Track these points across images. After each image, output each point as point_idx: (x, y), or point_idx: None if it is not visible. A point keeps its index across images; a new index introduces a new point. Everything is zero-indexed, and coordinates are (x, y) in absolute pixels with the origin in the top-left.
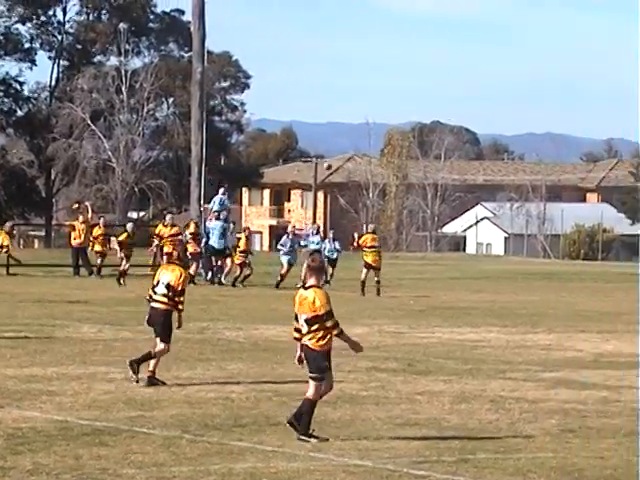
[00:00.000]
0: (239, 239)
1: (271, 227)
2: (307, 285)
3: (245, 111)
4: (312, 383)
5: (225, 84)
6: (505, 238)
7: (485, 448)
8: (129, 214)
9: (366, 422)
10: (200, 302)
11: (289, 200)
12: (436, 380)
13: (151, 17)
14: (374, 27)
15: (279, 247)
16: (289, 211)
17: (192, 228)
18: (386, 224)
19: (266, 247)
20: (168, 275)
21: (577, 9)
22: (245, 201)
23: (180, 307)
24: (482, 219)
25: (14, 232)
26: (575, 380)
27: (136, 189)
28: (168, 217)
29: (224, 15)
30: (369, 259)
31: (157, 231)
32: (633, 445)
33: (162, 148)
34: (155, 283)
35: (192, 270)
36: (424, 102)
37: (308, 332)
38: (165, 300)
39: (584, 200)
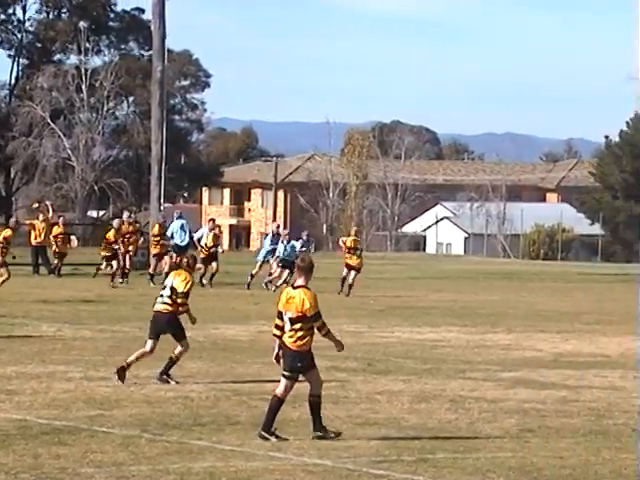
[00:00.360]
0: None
1: (231, 226)
2: (296, 285)
3: (205, 110)
4: (283, 381)
5: (185, 83)
6: (465, 238)
7: (444, 448)
8: (89, 213)
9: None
10: None
11: (249, 199)
12: (395, 380)
13: (111, 16)
14: (334, 27)
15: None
16: (249, 210)
17: (156, 229)
18: (346, 224)
19: (226, 246)
20: (174, 279)
21: (538, 11)
22: (205, 200)
23: (181, 309)
24: (442, 219)
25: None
26: (534, 380)
27: (96, 188)
28: (125, 215)
29: (184, 14)
30: (348, 261)
31: (110, 235)
32: (592, 445)
33: (122, 147)
34: (162, 288)
35: (151, 269)
36: (384, 102)
37: (289, 330)
38: (169, 302)
39: (544, 200)
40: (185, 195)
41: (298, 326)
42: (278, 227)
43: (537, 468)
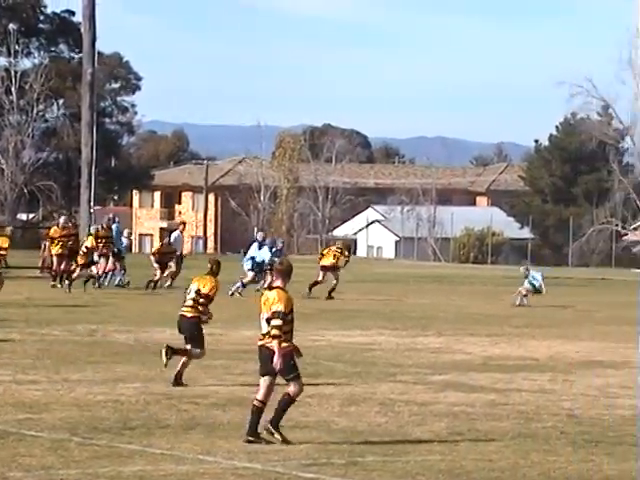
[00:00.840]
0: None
1: (162, 229)
2: (273, 286)
3: (136, 113)
4: (292, 384)
5: (116, 85)
6: (396, 241)
7: (374, 451)
8: (18, 216)
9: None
10: (90, 304)
11: (180, 202)
12: (326, 383)
13: (41, 18)
14: (266, 30)
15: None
16: (180, 213)
17: (101, 232)
18: (277, 227)
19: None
20: (199, 283)
21: (470, 15)
22: (136, 203)
23: (204, 318)
24: (373, 222)
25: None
26: (464, 383)
27: (25, 190)
28: (62, 219)
29: (115, 16)
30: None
31: (50, 232)
32: (520, 448)
33: (52, 149)
34: (187, 291)
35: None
36: (315, 105)
37: (268, 332)
38: (192, 305)
39: (474, 204)
40: (115, 198)
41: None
42: (265, 236)
43: (466, 471)
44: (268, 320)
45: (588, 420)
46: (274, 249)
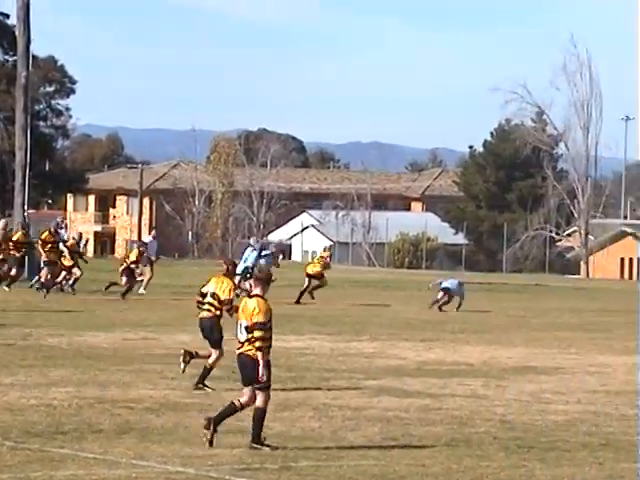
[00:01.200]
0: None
1: (96, 233)
2: (252, 294)
3: (71, 116)
4: (260, 393)
5: (50, 89)
6: (331, 246)
7: (308, 456)
8: None
9: (189, 429)
10: (23, 308)
11: (114, 206)
12: None
13: None
14: (200, 33)
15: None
16: (114, 217)
17: (45, 236)
18: (212, 231)
19: (91, 253)
20: (215, 286)
21: (405, 20)
22: (70, 207)
23: (225, 313)
24: (308, 227)
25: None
26: (398, 388)
27: None
28: (2, 222)
29: (49, 19)
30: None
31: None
32: (454, 453)
33: None
34: (204, 292)
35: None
36: (251, 109)
37: (247, 340)
38: (211, 308)
39: (409, 209)
40: (49, 202)
41: (252, 334)
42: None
43: (400, 476)
44: (249, 329)
45: (521, 425)
46: (263, 253)
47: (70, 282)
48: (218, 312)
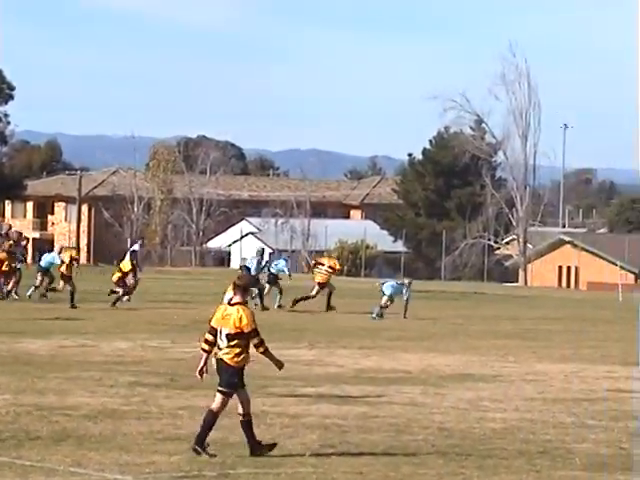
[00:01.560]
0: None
1: (34, 240)
2: (233, 302)
3: (9, 122)
4: (219, 396)
5: None
6: (270, 253)
7: (245, 463)
8: None
9: (127, 437)
10: None
11: (53, 213)
12: (198, 395)
13: None
14: (139, 40)
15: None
16: (52, 224)
17: (12, 247)
18: (151, 238)
19: (29, 260)
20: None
21: (345, 28)
22: (8, 213)
23: None
24: (247, 234)
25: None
26: (336, 395)
27: None
28: None
29: None
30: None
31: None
32: (391, 460)
33: None
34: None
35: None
36: (190, 116)
37: (226, 347)
38: None
39: (348, 217)
40: None
41: (235, 342)
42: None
43: None
44: (230, 337)
45: (459, 433)
46: (263, 262)
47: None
48: None
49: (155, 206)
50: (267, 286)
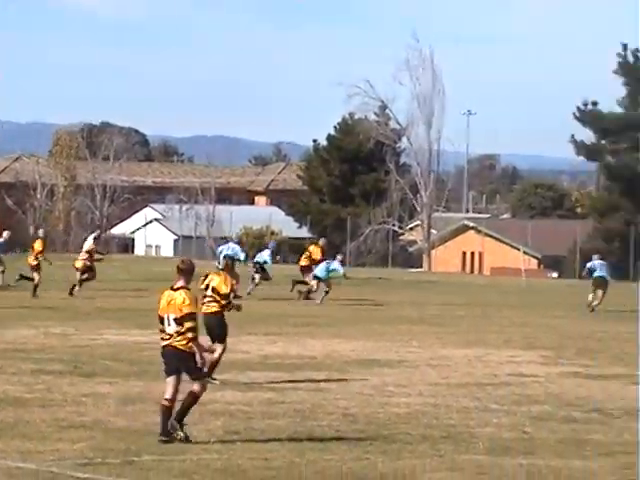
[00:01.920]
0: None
1: None
2: (176, 287)
3: None
4: (197, 383)
5: None
6: (174, 240)
7: (150, 450)
8: None
9: (30, 424)
10: None
11: None
12: (102, 382)
13: None
14: (40, 25)
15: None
16: None
17: None
18: (54, 225)
19: None
20: (212, 281)
21: (245, 12)
22: None
23: (225, 308)
24: (151, 221)
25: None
26: (241, 382)
27: None
28: None
29: None
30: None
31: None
32: (296, 446)
33: None
34: (204, 288)
35: None
36: (93, 103)
37: (176, 332)
38: (213, 302)
39: (253, 203)
40: None
41: (183, 326)
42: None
43: (242, 470)
44: (178, 321)
45: (363, 418)
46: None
47: None
48: (219, 306)
49: (58, 193)
50: (257, 276)
